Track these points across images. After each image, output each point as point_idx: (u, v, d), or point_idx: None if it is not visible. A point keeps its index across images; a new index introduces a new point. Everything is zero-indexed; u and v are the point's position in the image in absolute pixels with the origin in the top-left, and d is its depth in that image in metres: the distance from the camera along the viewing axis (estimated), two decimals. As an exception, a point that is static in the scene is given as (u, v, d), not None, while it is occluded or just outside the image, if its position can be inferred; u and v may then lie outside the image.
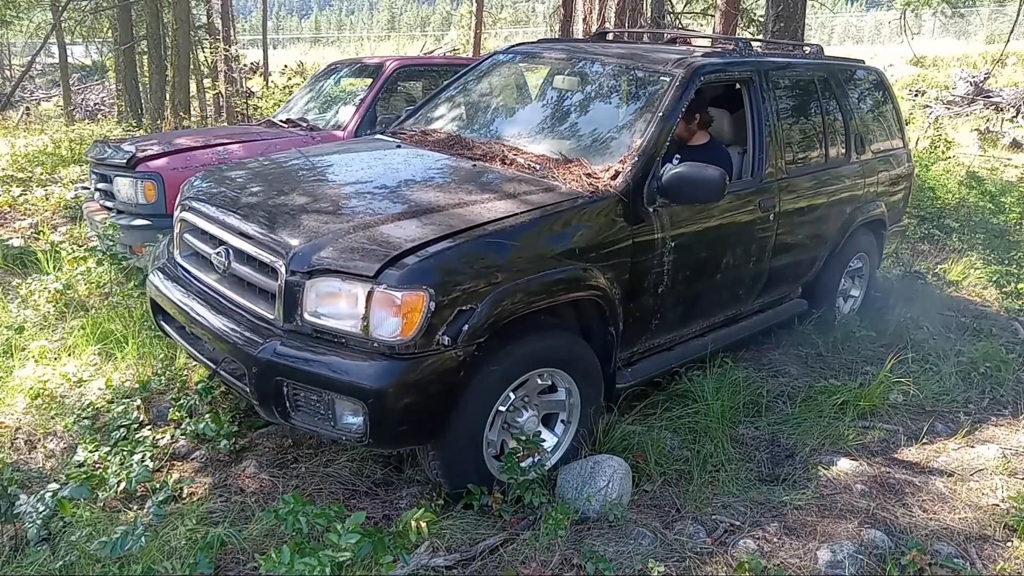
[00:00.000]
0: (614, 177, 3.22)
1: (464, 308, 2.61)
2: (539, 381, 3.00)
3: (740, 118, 4.18)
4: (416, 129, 4.10)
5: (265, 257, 2.77)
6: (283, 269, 2.68)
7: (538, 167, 3.35)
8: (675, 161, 3.34)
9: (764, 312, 4.38)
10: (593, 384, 3.17)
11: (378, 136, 4.31)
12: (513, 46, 4.59)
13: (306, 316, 2.65)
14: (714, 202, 3.38)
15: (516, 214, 2.90)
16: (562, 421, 3.19)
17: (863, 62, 5.25)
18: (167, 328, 3.35)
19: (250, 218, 2.96)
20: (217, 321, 2.90)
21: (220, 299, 3.00)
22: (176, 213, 3.43)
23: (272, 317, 2.74)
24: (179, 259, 3.33)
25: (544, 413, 3.14)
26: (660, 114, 3.42)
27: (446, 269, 2.60)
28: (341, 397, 2.59)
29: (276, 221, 2.90)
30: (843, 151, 4.64)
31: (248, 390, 2.76)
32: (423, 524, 2.56)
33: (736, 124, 4.43)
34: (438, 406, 2.68)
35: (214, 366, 2.97)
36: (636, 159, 3.26)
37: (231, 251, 2.96)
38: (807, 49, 5.04)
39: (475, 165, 3.45)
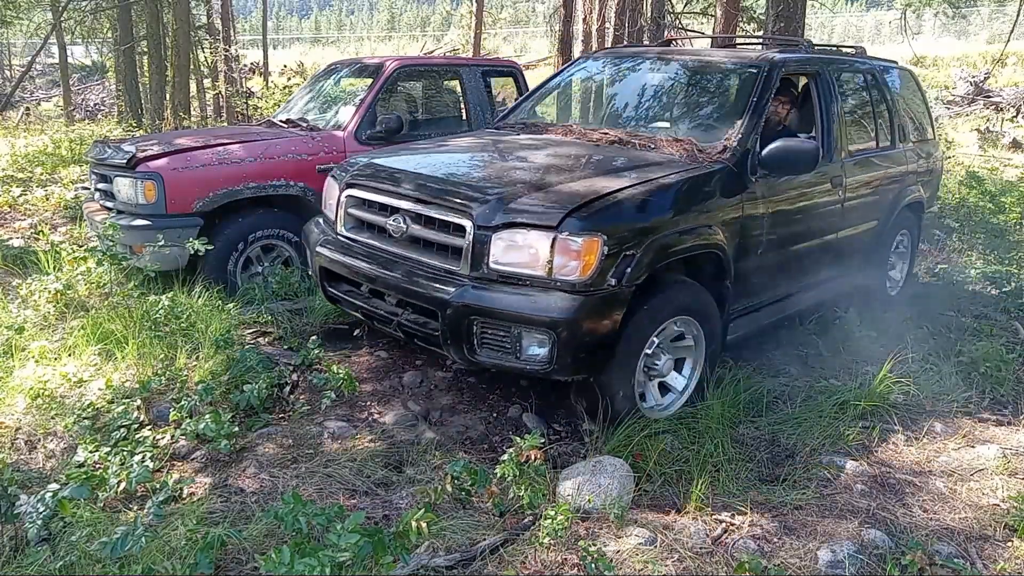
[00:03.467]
0: (722, 152, 3.75)
1: (628, 253, 3.10)
2: (674, 328, 3.49)
3: (801, 110, 4.76)
4: (526, 122, 4.72)
5: (451, 218, 3.26)
6: (470, 226, 3.17)
7: (653, 146, 3.92)
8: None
9: (833, 280, 4.78)
10: (716, 330, 3.67)
11: (489, 129, 4.94)
12: (600, 51, 5.44)
13: (492, 265, 3.13)
14: (809, 172, 3.97)
15: (656, 178, 3.42)
16: (689, 366, 3.67)
17: (896, 63, 5.78)
18: (335, 293, 3.84)
19: (426, 187, 3.47)
20: (400, 277, 3.39)
21: (397, 260, 3.48)
22: (338, 195, 3.89)
23: (457, 268, 3.22)
24: (345, 232, 3.82)
25: (676, 358, 3.63)
26: (755, 99, 4.00)
27: (615, 220, 3.11)
28: (530, 329, 3.04)
29: (454, 188, 3.41)
30: (889, 139, 5.22)
31: (438, 333, 3.21)
32: (423, 524, 2.56)
33: (800, 115, 4.88)
34: (607, 337, 3.14)
35: (395, 316, 3.45)
36: (741, 135, 3.82)
37: (407, 217, 3.46)
38: (852, 50, 5.49)
39: (599, 147, 4.04)
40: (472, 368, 3.88)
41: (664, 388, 3.66)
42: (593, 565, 2.55)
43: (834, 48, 5.70)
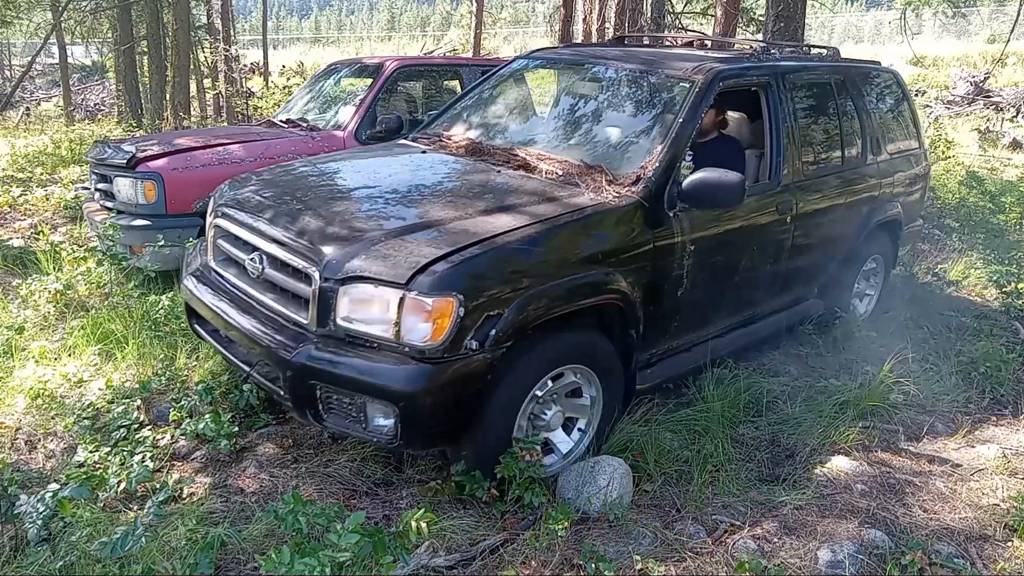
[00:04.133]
0: (635, 183, 3.28)
1: (491, 313, 2.70)
2: (572, 377, 3.12)
3: (760, 122, 4.22)
4: (440, 134, 4.21)
5: (299, 264, 2.87)
6: (317, 275, 2.78)
7: (561, 173, 3.43)
8: (687, 158, 3.40)
9: (782, 312, 4.41)
10: (615, 383, 3.25)
11: (402, 142, 4.36)
12: (534, 51, 4.67)
13: (339, 321, 2.75)
14: (735, 206, 3.47)
15: (541, 220, 2.99)
16: (579, 429, 3.26)
17: (879, 64, 5.32)
18: (201, 331, 3.47)
19: (283, 225, 3.06)
20: (251, 325, 3.00)
21: (254, 303, 3.10)
22: (209, 219, 3.53)
23: (306, 322, 2.84)
24: (213, 264, 3.43)
25: (567, 416, 3.22)
26: (680, 120, 3.49)
27: (474, 275, 2.70)
28: (373, 400, 2.69)
29: (309, 228, 2.99)
30: (860, 152, 4.68)
31: (282, 393, 2.88)
32: (423, 524, 2.56)
33: (756, 128, 4.44)
34: (466, 408, 2.77)
35: (248, 368, 3.07)
36: (657, 165, 3.33)
37: (265, 257, 3.06)
38: (824, 52, 5.09)
39: (499, 172, 3.54)
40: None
41: (550, 445, 3.20)
42: (593, 565, 2.55)
43: (806, 48, 5.24)
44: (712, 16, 11.77)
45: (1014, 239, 6.91)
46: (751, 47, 4.44)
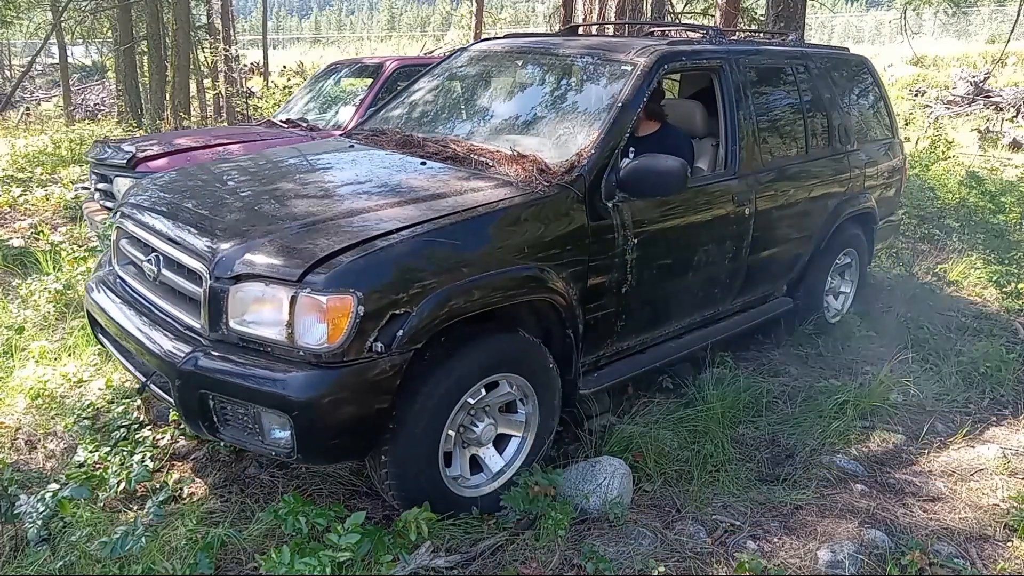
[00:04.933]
0: (569, 171, 3.05)
1: (398, 312, 2.46)
2: (507, 389, 2.88)
3: (715, 110, 3.99)
4: (374, 129, 3.96)
5: (190, 262, 2.64)
6: (207, 274, 2.55)
7: (490, 163, 3.18)
8: (631, 154, 3.18)
9: (746, 311, 4.22)
10: (551, 390, 3.02)
11: (335, 137, 4.15)
12: (477, 41, 4.43)
13: (232, 324, 2.52)
14: (676, 194, 3.24)
15: (458, 211, 2.75)
16: (515, 447, 3.03)
17: (847, 50, 5.13)
18: (104, 341, 3.20)
19: (179, 223, 2.84)
20: (145, 332, 2.76)
21: (152, 309, 2.88)
22: (113, 220, 3.32)
23: (199, 326, 2.61)
24: (117, 269, 3.19)
25: (499, 432, 2.99)
26: (619, 104, 3.26)
27: (376, 271, 2.46)
28: (266, 410, 2.45)
29: (203, 225, 2.77)
30: (826, 142, 4.48)
31: (173, 404, 2.65)
32: (423, 524, 2.57)
33: (712, 116, 4.15)
34: (374, 417, 2.51)
35: (144, 379, 2.79)
36: (593, 152, 3.10)
37: (161, 258, 2.82)
38: (786, 38, 4.91)
39: (424, 163, 3.31)
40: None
41: (479, 462, 2.97)
42: (593, 565, 2.55)
43: (769, 36, 4.96)
44: (712, 16, 11.78)
45: (1014, 239, 6.91)
46: (703, 31, 4.28)
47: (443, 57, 4.57)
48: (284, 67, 22.70)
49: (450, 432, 2.74)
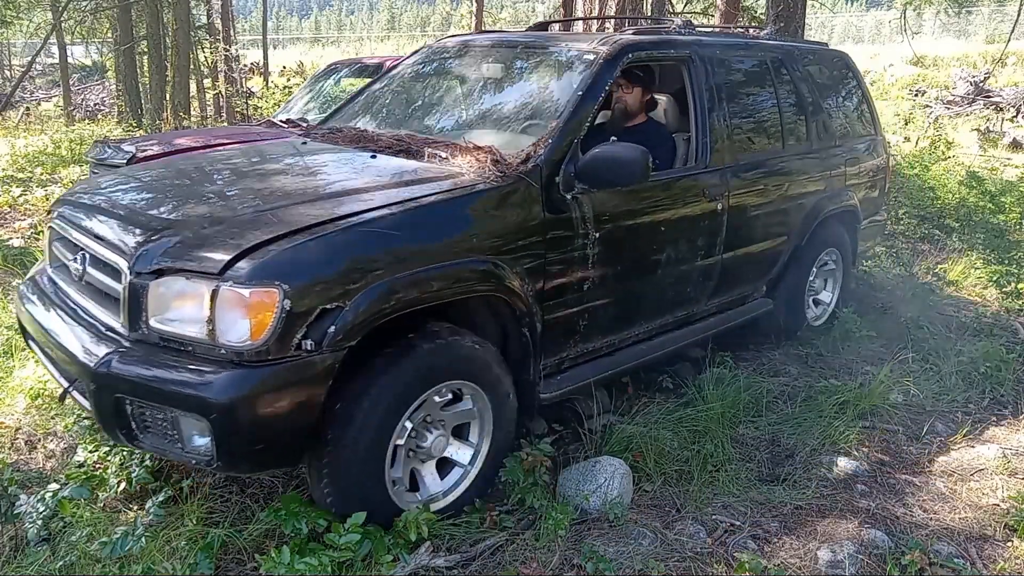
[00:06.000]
0: (525, 161, 2.92)
1: (330, 307, 2.31)
2: (436, 399, 2.68)
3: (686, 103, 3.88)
4: (332, 127, 3.84)
5: (111, 257, 2.51)
6: (127, 269, 2.41)
7: (445, 156, 3.05)
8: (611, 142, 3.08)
9: (723, 312, 4.10)
10: (504, 396, 2.86)
11: (290, 135, 4.04)
12: (443, 37, 4.35)
13: (152, 323, 2.37)
14: (637, 184, 3.10)
15: (401, 202, 2.63)
16: (476, 430, 2.88)
17: (826, 45, 5.04)
18: (34, 347, 3.01)
19: (107, 219, 2.72)
20: (67, 335, 2.62)
21: (77, 311, 2.73)
22: (46, 221, 3.19)
23: (119, 326, 2.47)
24: (49, 271, 3.04)
25: (454, 425, 2.83)
26: (579, 93, 3.16)
27: (305, 262, 2.32)
28: (184, 414, 2.30)
29: (131, 220, 2.64)
30: (804, 138, 4.38)
31: (90, 409, 2.49)
32: (423, 525, 2.56)
33: (683, 110, 4.02)
34: (304, 421, 2.35)
35: (67, 385, 2.64)
36: (550, 141, 2.98)
37: (88, 256, 2.69)
38: (761, 31, 4.82)
39: (375, 156, 3.19)
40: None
41: (448, 464, 2.85)
42: (593, 565, 2.55)
43: (743, 29, 4.88)
44: (712, 16, 11.78)
45: (1014, 239, 6.90)
46: (672, 23, 4.17)
47: (410, 53, 4.48)
48: (284, 67, 22.70)
49: (398, 442, 2.59)
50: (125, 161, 4.92)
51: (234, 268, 2.27)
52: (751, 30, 4.88)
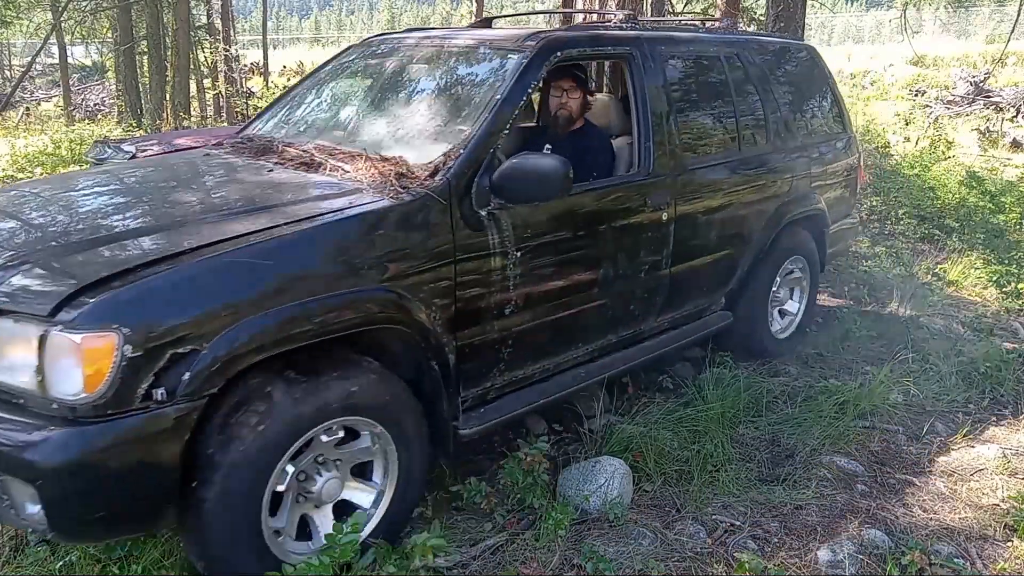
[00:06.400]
0: (433, 175, 2.63)
1: (182, 350, 2.01)
2: (324, 438, 2.36)
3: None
4: (246, 136, 3.52)
5: None
6: None
7: (347, 169, 2.77)
8: (546, 151, 2.75)
9: (678, 328, 3.79)
10: (410, 433, 2.55)
11: (207, 149, 3.57)
12: (368, 37, 4.07)
13: None
14: (558, 198, 2.80)
15: (278, 226, 2.32)
16: (380, 471, 2.58)
17: (788, 39, 4.81)
18: None
19: None
20: None
21: None
22: None
23: None
24: None
25: (352, 464, 2.54)
26: (498, 97, 2.84)
27: (151, 301, 2.03)
28: (12, 479, 2.00)
29: None
30: (763, 138, 4.05)
31: None
32: (430, 553, 2.45)
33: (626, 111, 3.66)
34: (155, 481, 2.05)
35: None
36: (463, 152, 2.68)
37: None
38: (716, 25, 4.50)
39: (270, 171, 2.89)
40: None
41: (350, 507, 2.53)
42: (593, 565, 2.55)
43: (697, 24, 4.55)
44: (712, 16, 11.78)
45: (1014, 239, 6.90)
46: (615, 18, 3.83)
47: (339, 52, 4.12)
48: (284, 67, 22.72)
49: (278, 488, 2.28)
50: (125, 161, 4.92)
51: (66, 310, 1.97)
52: (707, 23, 4.60)
